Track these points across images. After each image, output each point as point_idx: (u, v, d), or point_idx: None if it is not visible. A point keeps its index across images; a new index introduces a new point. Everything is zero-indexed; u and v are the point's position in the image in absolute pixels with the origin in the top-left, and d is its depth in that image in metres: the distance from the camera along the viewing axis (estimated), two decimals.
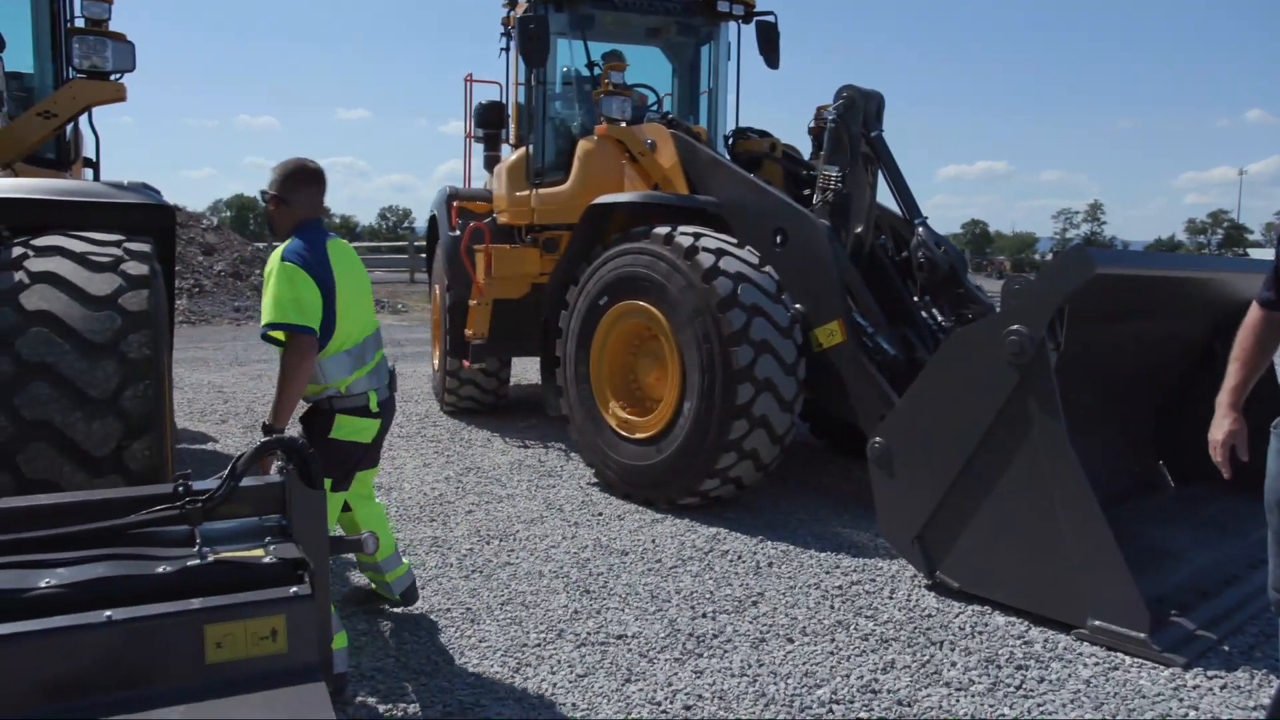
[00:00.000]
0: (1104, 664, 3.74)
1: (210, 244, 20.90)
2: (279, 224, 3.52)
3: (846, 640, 3.95)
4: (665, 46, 9.02)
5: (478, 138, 9.48)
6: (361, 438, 3.56)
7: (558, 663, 3.70)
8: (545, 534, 5.30)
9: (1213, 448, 3.01)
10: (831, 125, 6.14)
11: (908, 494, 4.54)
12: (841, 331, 5.51)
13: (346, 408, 3.50)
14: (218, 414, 8.70)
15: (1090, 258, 4.04)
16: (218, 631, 2.04)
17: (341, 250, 3.59)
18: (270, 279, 3.31)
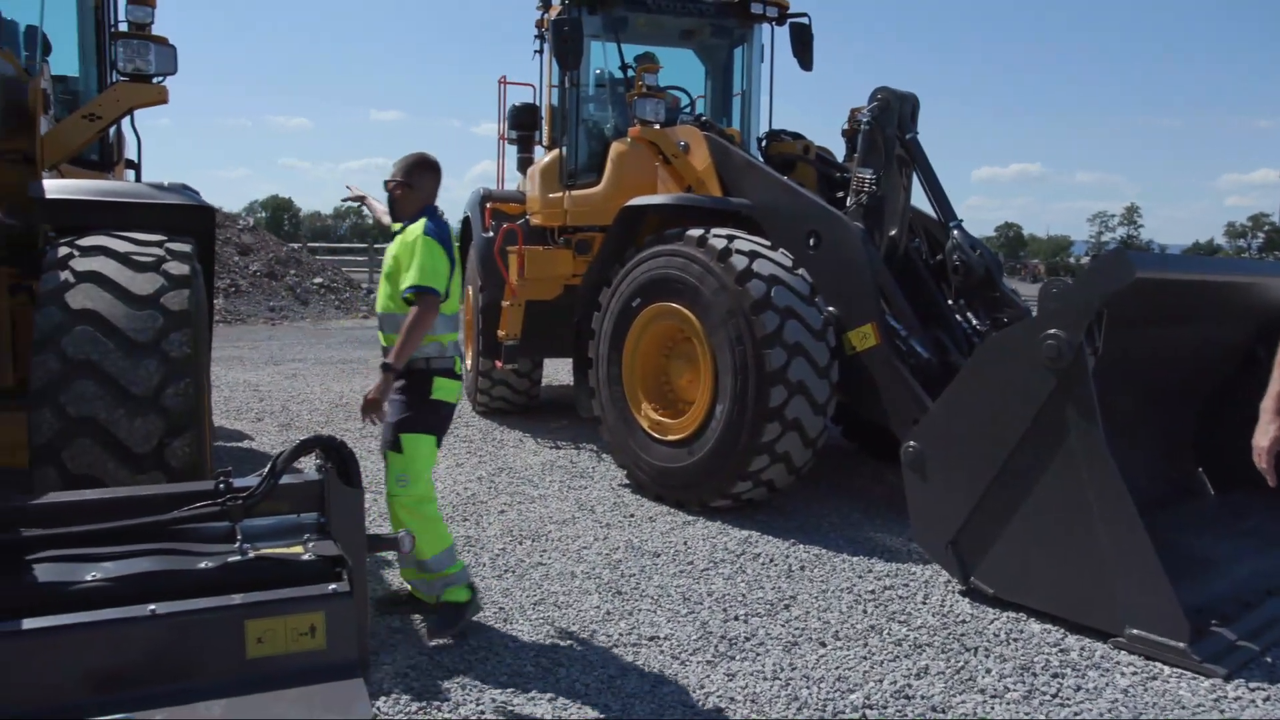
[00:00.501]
0: (1142, 673, 3.70)
1: (246, 244, 21.14)
2: (405, 207, 4.09)
3: (880, 645, 3.93)
4: (698, 49, 9.01)
5: (511, 140, 9.52)
6: (453, 398, 4.05)
7: (590, 664, 3.71)
8: (577, 535, 5.31)
9: (1257, 454, 2.95)
10: (866, 127, 6.11)
11: (942, 499, 4.50)
12: (875, 334, 5.48)
13: (441, 369, 3.96)
14: (253, 412, 8.80)
15: (1130, 261, 3.99)
16: (258, 627, 2.07)
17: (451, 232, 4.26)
18: (413, 250, 3.86)
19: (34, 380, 3.19)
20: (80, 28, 5.53)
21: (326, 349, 14.19)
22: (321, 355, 13.38)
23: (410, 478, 3.88)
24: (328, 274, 22.30)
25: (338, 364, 12.43)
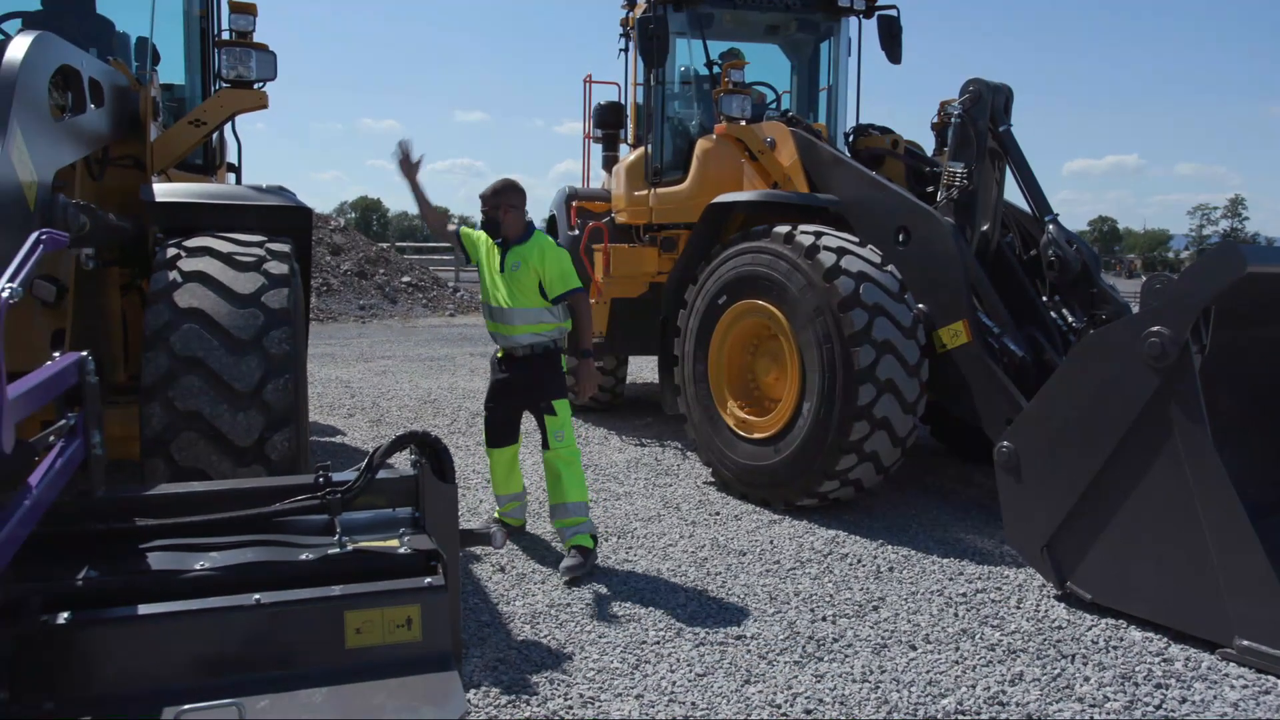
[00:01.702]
0: (1254, 687, 3.54)
1: (337, 244, 21.70)
2: (514, 226, 4.86)
3: (972, 649, 3.84)
4: (784, 44, 8.93)
5: (596, 138, 9.57)
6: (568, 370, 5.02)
7: (677, 661, 3.71)
8: (663, 532, 5.32)
9: None
10: (957, 120, 5.97)
11: (1037, 501, 4.38)
12: (966, 332, 5.37)
13: (564, 347, 4.97)
14: (345, 408, 9.03)
15: (1241, 255, 3.82)
16: (357, 618, 2.12)
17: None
18: (557, 259, 4.82)
19: (144, 376, 3.33)
20: (186, 37, 5.74)
21: (414, 346, 14.48)
22: (410, 352, 13.65)
23: (565, 433, 4.84)
24: (415, 273, 22.77)
25: (425, 361, 12.67)
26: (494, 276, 4.90)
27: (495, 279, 4.89)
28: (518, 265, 4.80)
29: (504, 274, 4.83)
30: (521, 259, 4.80)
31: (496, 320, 4.90)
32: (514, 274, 4.80)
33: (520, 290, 4.79)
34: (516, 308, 4.81)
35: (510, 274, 4.81)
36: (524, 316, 4.81)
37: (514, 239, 4.86)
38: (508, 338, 4.87)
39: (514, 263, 4.81)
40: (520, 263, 4.79)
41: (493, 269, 4.91)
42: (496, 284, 4.88)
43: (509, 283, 4.82)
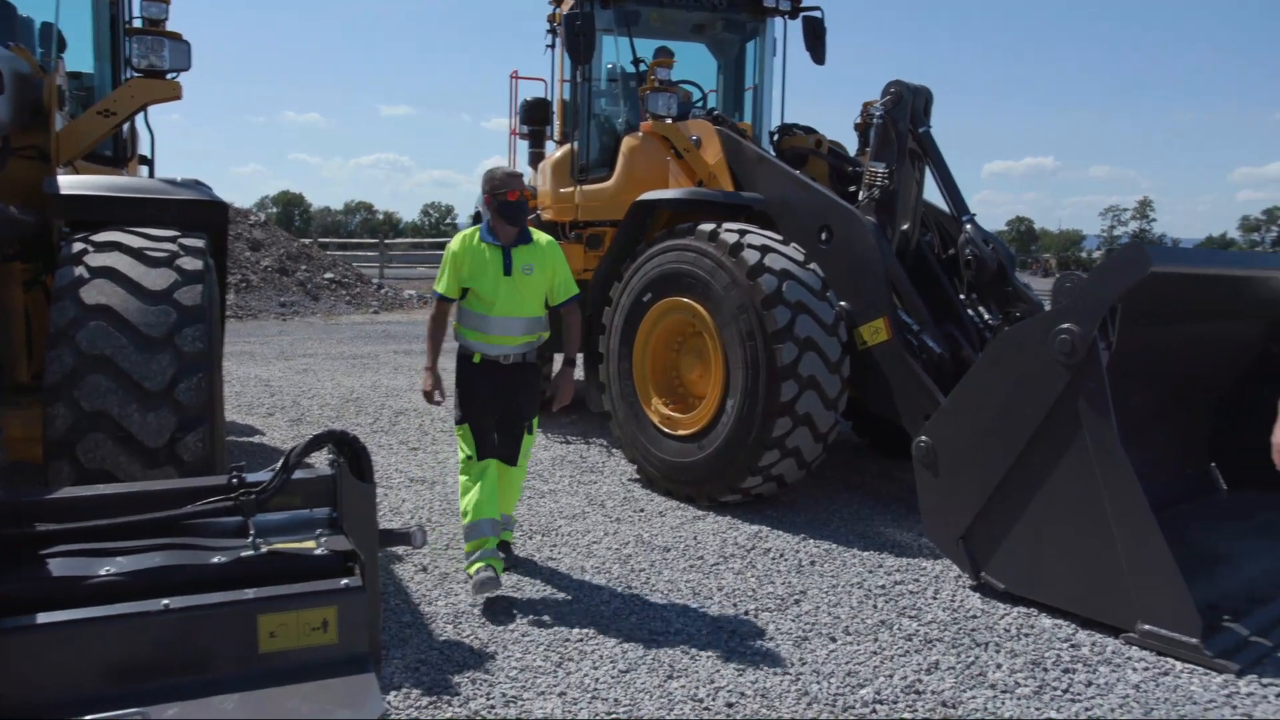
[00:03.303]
0: (1154, 669, 3.68)
1: (257, 240, 21.21)
2: (525, 221, 4.49)
3: (890, 640, 3.93)
4: (711, 43, 9.00)
5: (522, 134, 9.53)
6: None
7: (600, 658, 3.72)
8: (587, 529, 5.32)
9: (1277, 453, 2.88)
10: (879, 121, 6.09)
11: (953, 494, 4.49)
12: (886, 329, 5.47)
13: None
14: (265, 407, 8.83)
15: (1146, 254, 3.96)
16: (271, 621, 2.08)
17: None
18: (563, 261, 4.55)
19: (48, 375, 3.22)
20: (95, 24, 5.55)
21: (337, 344, 14.24)
22: (332, 350, 13.42)
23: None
24: (338, 269, 22.36)
25: (348, 359, 12.47)
26: (497, 282, 4.33)
27: (499, 284, 4.33)
28: (530, 268, 4.38)
29: (511, 278, 4.34)
30: (534, 261, 4.40)
31: (494, 331, 4.38)
32: (526, 278, 4.37)
33: (531, 295, 4.41)
34: (523, 317, 4.39)
35: (522, 278, 4.35)
36: (528, 326, 4.43)
37: (521, 237, 4.42)
38: (502, 347, 4.41)
39: (526, 265, 4.37)
40: (534, 265, 4.39)
41: (496, 273, 4.34)
42: (499, 290, 4.33)
43: (519, 288, 4.36)
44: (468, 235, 4.45)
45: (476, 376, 4.46)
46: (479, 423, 4.48)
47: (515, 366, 4.46)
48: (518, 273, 4.35)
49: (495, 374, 4.45)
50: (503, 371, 4.45)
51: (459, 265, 4.38)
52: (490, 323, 4.38)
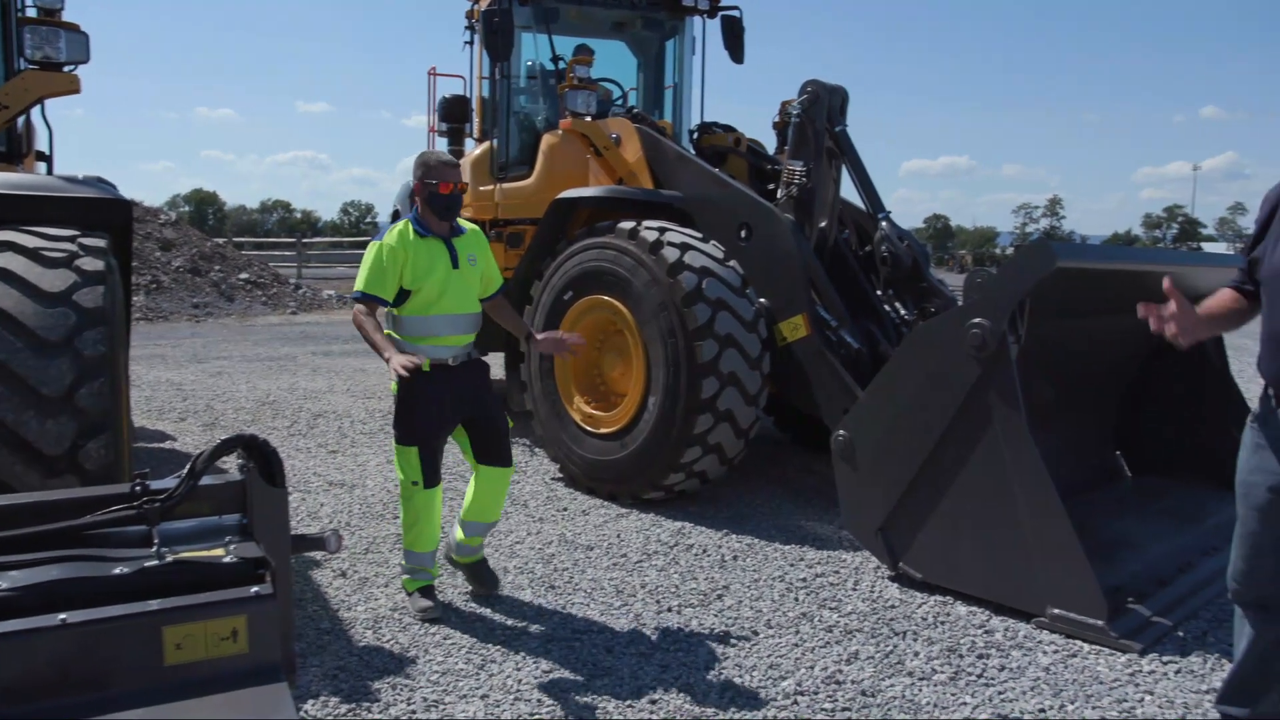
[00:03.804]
0: (1063, 651, 3.80)
1: (168, 239, 20.58)
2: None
3: (811, 632, 3.98)
4: (630, 41, 9.00)
5: (441, 132, 9.42)
6: None
7: (523, 659, 3.69)
8: (510, 530, 5.28)
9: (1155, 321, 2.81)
10: (796, 120, 6.15)
11: (871, 487, 4.57)
12: (806, 325, 5.54)
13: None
14: (176, 412, 8.58)
15: (1051, 251, 4.08)
16: (176, 633, 2.01)
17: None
18: (490, 251, 4.32)
19: None
20: None
21: (253, 346, 13.90)
22: (248, 352, 13.09)
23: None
24: (254, 269, 21.81)
25: (265, 361, 12.18)
26: (446, 278, 4.01)
27: (448, 280, 4.02)
28: (474, 259, 4.14)
29: (460, 270, 4.07)
30: (474, 252, 4.16)
31: (443, 331, 4.05)
32: (472, 269, 4.13)
33: (475, 288, 4.16)
34: (470, 312, 4.14)
35: (468, 270, 4.10)
36: (474, 321, 4.18)
37: (455, 229, 4.14)
38: (452, 347, 4.08)
39: (470, 256, 4.12)
40: (476, 256, 4.15)
41: (445, 268, 4.02)
42: (448, 287, 4.02)
43: (466, 281, 4.10)
44: (402, 233, 4.01)
45: (428, 388, 3.96)
46: (430, 444, 4.07)
47: (466, 366, 4.13)
48: (464, 265, 4.08)
49: (450, 379, 4.04)
50: (457, 375, 4.08)
51: (398, 265, 3.95)
52: (439, 323, 4.03)
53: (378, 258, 3.97)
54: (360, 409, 8.77)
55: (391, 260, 3.95)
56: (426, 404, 4.01)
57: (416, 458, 4.04)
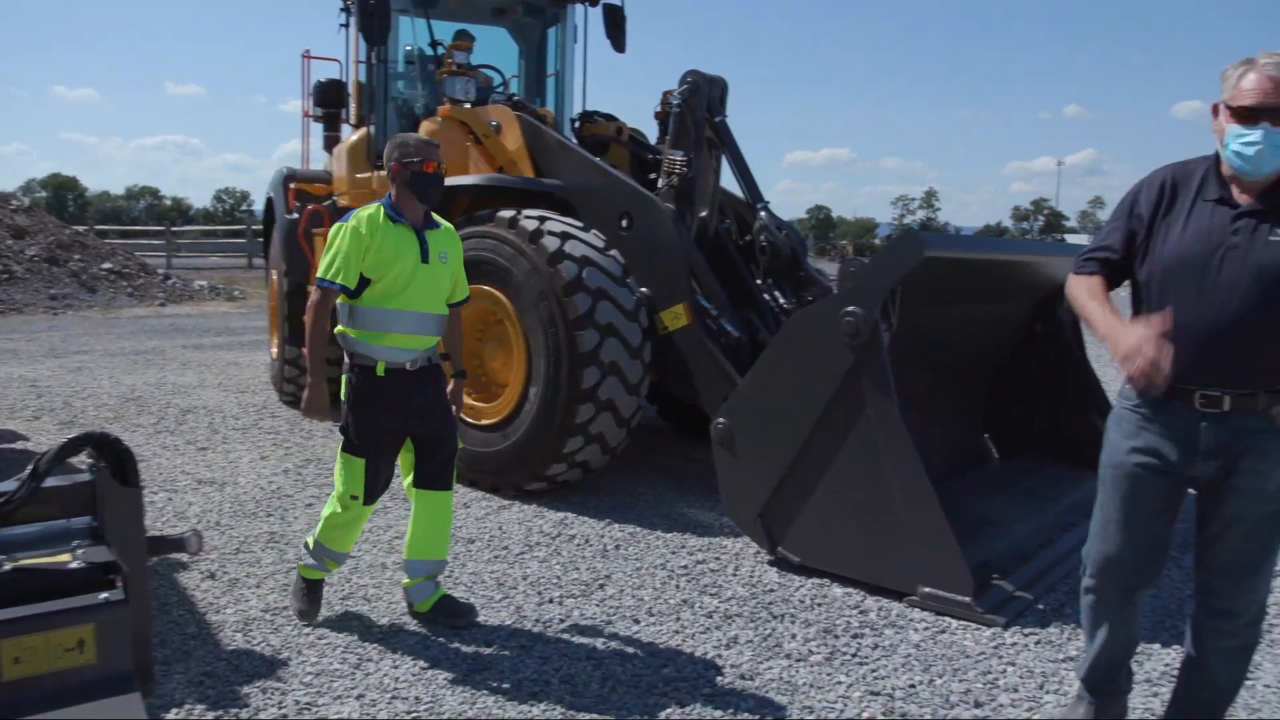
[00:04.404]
0: (933, 628, 3.94)
1: (21, 227, 19.40)
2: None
3: (691, 619, 4.01)
4: (512, 28, 8.90)
5: (316, 117, 9.13)
6: None
7: (401, 656, 3.62)
8: (389, 525, 5.17)
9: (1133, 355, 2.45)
10: (676, 110, 6.18)
11: (750, 473, 4.64)
12: (686, 314, 5.58)
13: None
14: (30, 410, 8.10)
15: (920, 241, 4.21)
16: (15, 646, 1.90)
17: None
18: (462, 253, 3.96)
19: None
20: None
21: (116, 339, 13.23)
22: (111, 346, 12.46)
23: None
24: (118, 259, 20.76)
25: (130, 355, 11.61)
26: (414, 270, 3.64)
27: (417, 273, 3.65)
28: (446, 256, 3.77)
29: (429, 266, 3.69)
30: (448, 249, 3.81)
31: (403, 329, 3.66)
32: (442, 267, 3.76)
33: (443, 288, 3.79)
34: (435, 313, 3.76)
35: (439, 267, 3.74)
36: (438, 324, 3.80)
37: (428, 220, 3.80)
38: (411, 350, 3.69)
39: (441, 252, 3.76)
40: (448, 253, 3.80)
41: (414, 260, 3.65)
42: (414, 281, 3.65)
43: (435, 279, 3.73)
44: (372, 216, 3.64)
45: (383, 393, 3.65)
46: (379, 457, 3.73)
47: (424, 372, 3.75)
48: (435, 260, 3.71)
49: (405, 386, 3.68)
50: (413, 381, 3.70)
51: (364, 249, 3.57)
52: (399, 319, 3.64)
53: (341, 241, 3.60)
54: (233, 404, 8.45)
55: (355, 243, 3.57)
56: (381, 410, 3.66)
57: (362, 471, 3.70)
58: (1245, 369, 2.54)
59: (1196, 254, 2.55)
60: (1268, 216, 2.50)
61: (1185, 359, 2.54)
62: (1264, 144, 2.43)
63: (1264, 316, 2.49)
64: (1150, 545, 2.77)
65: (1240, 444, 2.57)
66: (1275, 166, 2.48)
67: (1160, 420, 2.66)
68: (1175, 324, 2.54)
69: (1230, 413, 2.56)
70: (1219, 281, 2.52)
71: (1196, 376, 2.57)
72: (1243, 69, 2.49)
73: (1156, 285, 2.64)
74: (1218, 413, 2.57)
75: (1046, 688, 3.47)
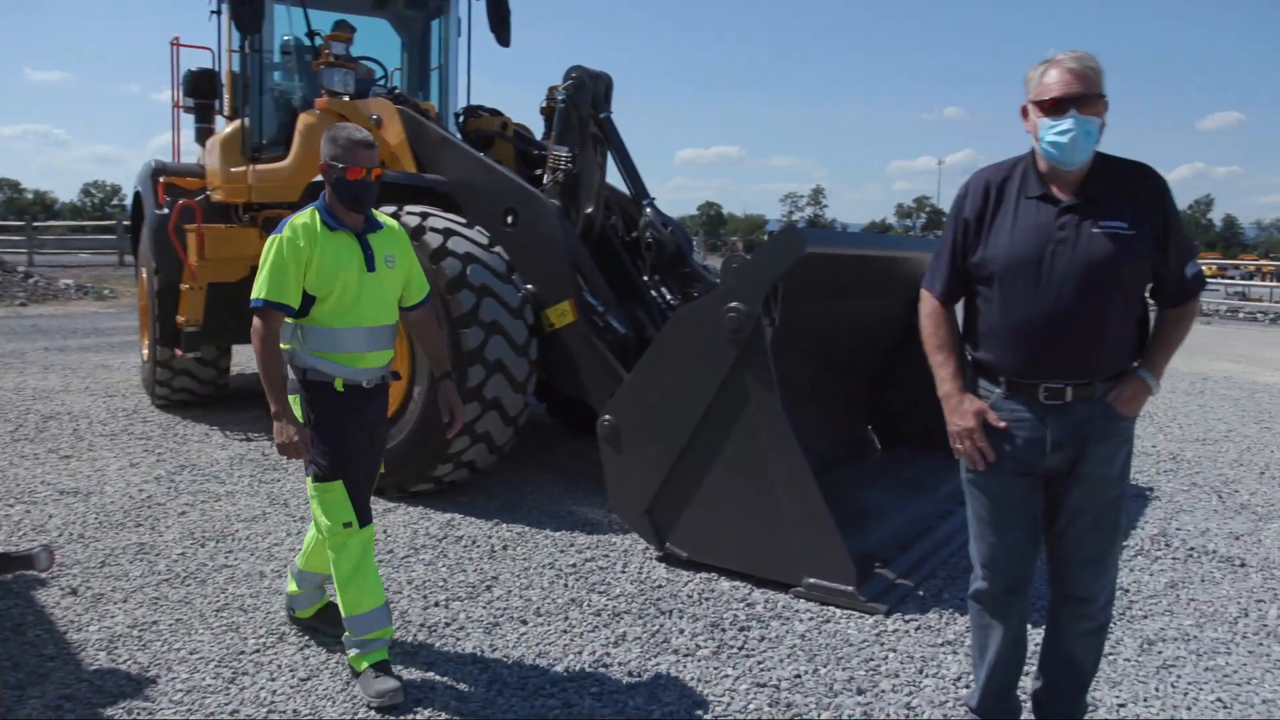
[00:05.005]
0: (817, 618, 4.00)
1: None
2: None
3: (580, 618, 3.99)
4: (394, 19, 8.72)
5: (188, 108, 8.78)
6: None
7: (279, 668, 3.49)
8: (268, 531, 4.99)
9: (963, 437, 2.79)
10: (561, 105, 6.14)
11: (637, 469, 4.64)
12: (572, 311, 5.54)
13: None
14: None
15: (800, 237, 4.27)
16: None
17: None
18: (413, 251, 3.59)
19: None
20: None
21: None
22: None
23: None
24: None
25: None
26: (360, 282, 3.31)
27: (362, 285, 3.32)
28: (392, 260, 3.42)
29: (376, 274, 3.35)
30: (394, 252, 3.45)
31: (355, 346, 3.34)
32: (390, 273, 3.41)
33: (393, 296, 3.46)
34: (386, 325, 3.44)
35: (386, 274, 3.39)
36: (390, 336, 3.48)
37: (370, 223, 3.42)
38: (367, 368, 3.37)
39: (387, 256, 3.41)
40: (394, 256, 3.44)
41: (358, 269, 3.31)
42: (361, 292, 3.31)
43: (383, 287, 3.39)
44: (307, 224, 3.28)
45: (344, 409, 3.34)
46: (355, 475, 3.38)
47: (378, 389, 3.46)
48: (381, 267, 3.37)
49: (364, 404, 3.39)
50: (368, 400, 3.41)
51: (304, 263, 3.22)
52: (353, 337, 3.33)
53: (278, 255, 3.22)
54: (101, 409, 8.04)
55: (294, 257, 3.21)
56: (346, 428, 3.34)
57: (343, 493, 3.33)
58: (1083, 360, 2.65)
59: (1028, 252, 2.64)
60: (1089, 210, 2.61)
61: (1026, 355, 2.66)
62: (1076, 130, 2.54)
63: (1095, 308, 2.60)
64: (1024, 541, 2.84)
65: (1084, 432, 2.67)
66: (1087, 153, 2.59)
67: (1010, 418, 2.73)
68: (1015, 321, 2.66)
69: (1073, 404, 2.66)
70: (1052, 277, 2.61)
71: (1038, 371, 2.67)
72: (1043, 68, 2.62)
73: (995, 283, 2.71)
74: (1061, 404, 2.67)
75: (926, 672, 3.56)
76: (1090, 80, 2.56)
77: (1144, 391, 2.67)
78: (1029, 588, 2.95)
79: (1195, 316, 2.81)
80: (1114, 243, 2.57)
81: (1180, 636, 3.93)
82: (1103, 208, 2.61)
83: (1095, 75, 2.58)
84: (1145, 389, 2.67)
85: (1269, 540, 5.23)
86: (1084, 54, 2.60)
